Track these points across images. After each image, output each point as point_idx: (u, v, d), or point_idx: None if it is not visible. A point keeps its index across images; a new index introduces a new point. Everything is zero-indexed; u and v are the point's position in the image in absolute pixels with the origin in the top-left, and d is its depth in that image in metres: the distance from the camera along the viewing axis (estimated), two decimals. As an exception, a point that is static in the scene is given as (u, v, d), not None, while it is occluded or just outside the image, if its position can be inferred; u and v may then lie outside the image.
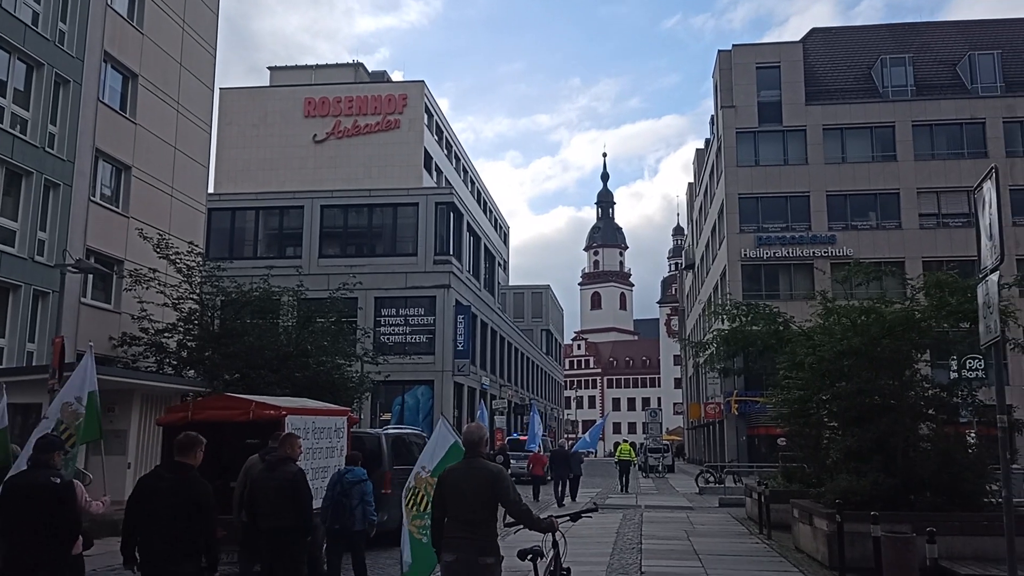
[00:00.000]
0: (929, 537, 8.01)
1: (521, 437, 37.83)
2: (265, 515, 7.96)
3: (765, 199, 44.34)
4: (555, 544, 6.47)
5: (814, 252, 42.01)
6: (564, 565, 6.58)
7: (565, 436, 70.09)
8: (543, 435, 38.39)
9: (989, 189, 7.50)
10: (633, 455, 34.43)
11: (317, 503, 9.62)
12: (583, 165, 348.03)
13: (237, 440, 10.81)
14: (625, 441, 36.06)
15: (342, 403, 24.46)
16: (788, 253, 42.95)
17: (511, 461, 26.42)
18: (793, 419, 17.28)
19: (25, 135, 20.65)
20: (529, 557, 6.35)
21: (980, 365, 18.44)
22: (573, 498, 24.96)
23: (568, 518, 7.51)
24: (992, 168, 7.56)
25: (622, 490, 29.99)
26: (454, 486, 6.02)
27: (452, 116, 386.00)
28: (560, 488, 24.43)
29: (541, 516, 6.35)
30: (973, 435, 16.13)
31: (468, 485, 5.95)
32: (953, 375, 16.97)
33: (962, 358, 17.01)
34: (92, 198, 23.07)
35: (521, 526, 6.07)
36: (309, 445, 11.06)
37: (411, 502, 9.03)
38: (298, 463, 8.46)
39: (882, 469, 12.81)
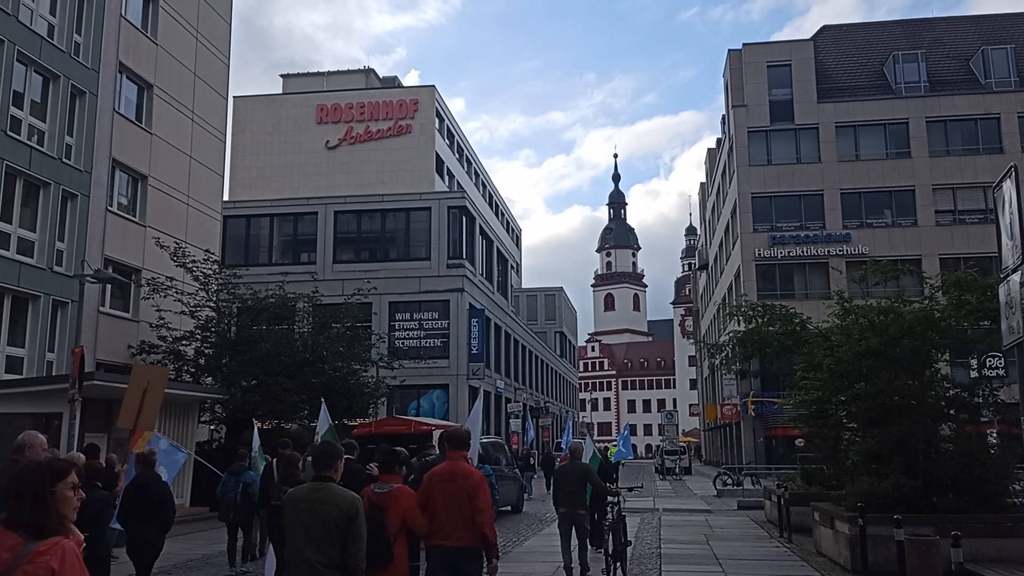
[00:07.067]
0: (954, 540, 7.94)
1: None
2: None
3: (778, 198, 44.13)
4: (618, 500, 11.78)
5: (829, 251, 41.76)
6: (628, 538, 11.88)
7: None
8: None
9: (1009, 188, 7.44)
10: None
11: None
12: (598, 163, 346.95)
13: (403, 445, 13.67)
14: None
15: (358, 408, 24.61)
16: (803, 252, 42.70)
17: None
18: (811, 420, 17.23)
19: (42, 146, 20.82)
20: (610, 501, 11.76)
21: (1001, 364, 18.24)
22: None
23: (626, 490, 13.33)
24: (1012, 167, 7.52)
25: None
26: (562, 474, 11.14)
27: (467, 115, 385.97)
28: None
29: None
30: (994, 434, 15.99)
31: (570, 474, 11.01)
32: (973, 374, 16.80)
33: (982, 357, 16.79)
34: (109, 208, 23.24)
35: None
36: None
37: None
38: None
39: (903, 471, 12.69)
